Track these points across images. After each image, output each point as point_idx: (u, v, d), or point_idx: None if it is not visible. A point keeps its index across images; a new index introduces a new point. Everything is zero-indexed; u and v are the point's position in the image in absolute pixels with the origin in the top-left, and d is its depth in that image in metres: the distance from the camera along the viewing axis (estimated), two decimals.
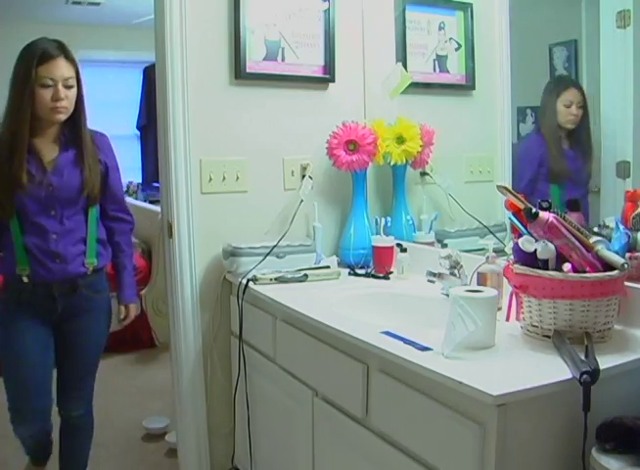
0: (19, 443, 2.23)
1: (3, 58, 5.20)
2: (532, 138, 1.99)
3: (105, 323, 2.11)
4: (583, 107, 1.79)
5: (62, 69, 1.87)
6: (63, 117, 1.91)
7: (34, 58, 1.85)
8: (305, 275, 2.04)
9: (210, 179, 2.19)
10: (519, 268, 1.40)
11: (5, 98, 1.89)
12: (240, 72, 2.18)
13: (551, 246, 1.36)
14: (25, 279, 1.93)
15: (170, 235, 2.18)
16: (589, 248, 1.38)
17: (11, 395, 2.04)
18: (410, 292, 1.88)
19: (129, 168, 5.67)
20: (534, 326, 1.40)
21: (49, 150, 1.94)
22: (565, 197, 1.79)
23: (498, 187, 1.49)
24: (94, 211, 2.02)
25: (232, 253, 2.09)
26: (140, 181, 5.91)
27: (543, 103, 1.91)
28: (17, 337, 1.97)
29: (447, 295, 1.64)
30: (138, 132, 5.87)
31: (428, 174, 2.29)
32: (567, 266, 1.35)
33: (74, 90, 1.93)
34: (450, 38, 2.31)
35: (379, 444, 1.43)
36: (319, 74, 2.32)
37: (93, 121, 2.09)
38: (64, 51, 1.89)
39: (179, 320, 2.21)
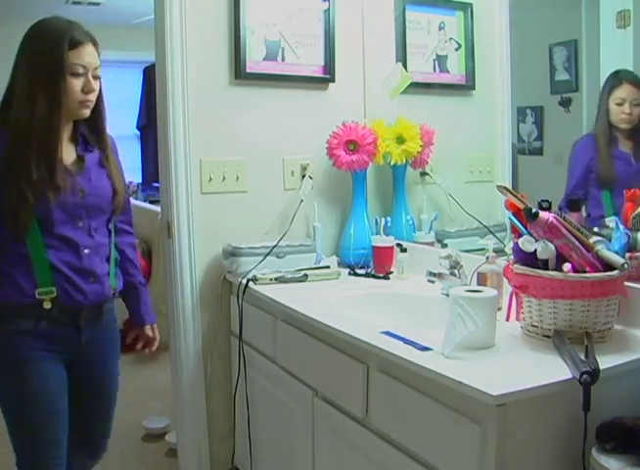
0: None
1: (3, 58, 5.25)
2: (585, 139, 1.83)
3: (119, 355, 1.85)
4: None
5: (92, 55, 1.57)
6: (88, 112, 1.62)
7: (63, 41, 1.52)
8: (305, 275, 2.04)
9: (210, 179, 2.18)
10: (519, 268, 1.40)
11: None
12: (240, 72, 2.18)
13: (551, 246, 1.36)
14: (47, 305, 1.55)
15: (170, 235, 2.18)
16: (589, 248, 1.37)
17: (25, 450, 1.63)
18: (410, 292, 1.88)
19: (129, 168, 5.62)
20: (534, 326, 1.40)
21: (67, 151, 1.62)
22: (616, 204, 1.62)
23: (498, 187, 1.49)
24: (114, 224, 1.75)
25: (232, 253, 2.09)
26: (140, 181, 5.91)
27: (599, 100, 1.74)
28: (33, 379, 1.58)
29: (447, 295, 1.64)
30: (138, 132, 5.87)
31: (428, 174, 2.29)
32: (567, 266, 1.35)
33: (99, 82, 1.62)
34: (450, 38, 2.31)
35: (379, 443, 1.43)
36: (319, 74, 2.32)
37: None
38: (90, 36, 1.59)
39: (179, 320, 2.21)
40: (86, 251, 1.60)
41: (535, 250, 1.37)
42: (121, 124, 5.72)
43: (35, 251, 1.54)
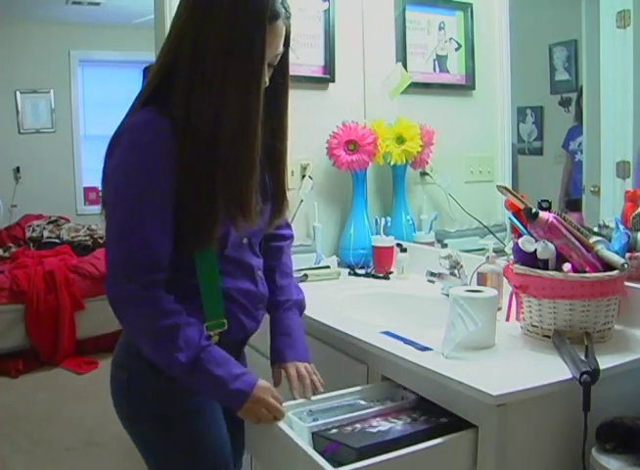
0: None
1: (3, 58, 5.26)
2: None
3: None
4: None
5: (282, 38, 1.18)
6: None
7: (265, 9, 1.11)
8: (305, 275, 2.04)
9: None
10: (519, 268, 1.40)
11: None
12: None
13: (551, 246, 1.36)
14: (216, 338, 1.24)
15: None
16: (589, 248, 1.38)
17: None
18: (410, 292, 1.88)
19: None
20: (534, 326, 1.40)
21: None
22: None
23: (498, 187, 1.49)
24: None
25: None
26: None
27: None
28: (211, 430, 1.29)
29: (447, 295, 1.64)
30: None
31: (428, 174, 2.29)
32: (567, 266, 1.35)
33: None
34: (450, 38, 2.31)
35: None
36: (319, 74, 2.32)
37: (93, 121, 2.09)
38: (284, 5, 1.17)
39: None
40: (259, 273, 1.33)
41: (535, 250, 1.37)
42: None
43: (208, 277, 1.21)
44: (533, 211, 1.37)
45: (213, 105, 1.10)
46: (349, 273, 2.16)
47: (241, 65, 1.11)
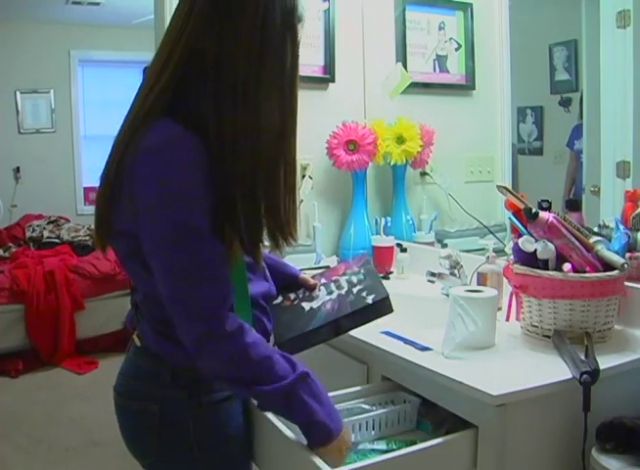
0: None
1: (3, 58, 5.26)
2: None
3: None
4: None
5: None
6: None
7: (295, 9, 1.08)
8: None
9: None
10: (519, 268, 1.40)
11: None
12: None
13: (551, 246, 1.36)
14: None
15: None
16: (589, 248, 1.38)
17: None
18: (410, 292, 1.88)
19: None
20: (534, 326, 1.40)
21: None
22: None
23: (498, 187, 1.49)
24: None
25: None
26: None
27: None
28: (246, 454, 1.26)
29: (447, 295, 1.64)
30: None
31: (428, 174, 2.29)
32: (567, 266, 1.35)
33: None
34: (450, 38, 2.31)
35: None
36: (319, 74, 2.32)
37: (93, 121, 2.08)
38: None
39: None
40: (267, 272, 1.28)
41: (535, 250, 1.37)
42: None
43: (241, 288, 1.14)
44: (533, 211, 1.37)
45: (249, 116, 1.02)
46: None
47: (275, 71, 1.07)
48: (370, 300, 1.22)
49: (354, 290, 1.27)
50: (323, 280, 1.37)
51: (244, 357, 1.03)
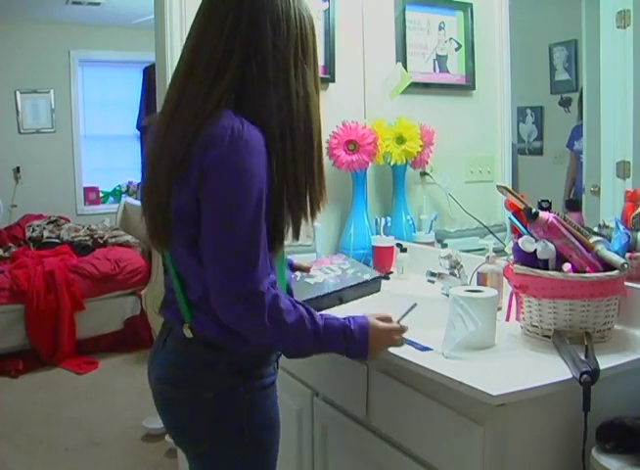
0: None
1: (3, 58, 5.26)
2: None
3: None
4: None
5: None
6: None
7: (311, 17, 1.22)
8: None
9: None
10: (519, 268, 1.40)
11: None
12: None
13: (551, 246, 1.36)
14: None
15: None
16: (589, 248, 1.38)
17: None
18: (410, 292, 1.87)
19: (129, 168, 5.67)
20: (534, 326, 1.40)
21: None
22: None
23: (498, 187, 1.49)
24: None
25: None
26: (140, 181, 5.92)
27: None
28: (279, 436, 1.36)
29: (447, 295, 1.64)
30: (138, 132, 5.86)
31: (428, 174, 2.29)
32: (567, 266, 1.35)
33: None
34: (450, 38, 2.31)
35: (379, 444, 1.43)
36: (319, 74, 2.32)
37: (93, 121, 2.08)
38: None
39: None
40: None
41: (535, 250, 1.37)
42: (121, 124, 5.73)
43: (281, 277, 1.26)
44: (533, 211, 1.37)
45: (302, 112, 1.17)
46: None
47: (312, 73, 1.21)
48: (367, 277, 1.54)
49: (349, 271, 1.55)
50: (315, 266, 1.56)
51: (282, 324, 1.14)
